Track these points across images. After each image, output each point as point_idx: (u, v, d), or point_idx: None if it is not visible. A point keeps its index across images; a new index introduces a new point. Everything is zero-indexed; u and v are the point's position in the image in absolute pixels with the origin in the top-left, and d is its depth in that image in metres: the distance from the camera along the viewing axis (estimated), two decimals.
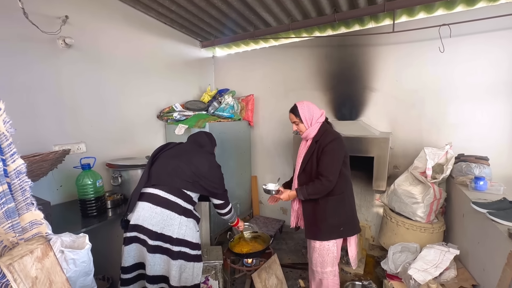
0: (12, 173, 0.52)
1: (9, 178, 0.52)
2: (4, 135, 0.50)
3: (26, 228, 0.53)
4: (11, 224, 0.51)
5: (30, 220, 0.54)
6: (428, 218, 2.17)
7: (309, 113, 1.66)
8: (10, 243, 0.51)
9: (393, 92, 2.63)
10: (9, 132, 0.52)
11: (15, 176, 0.53)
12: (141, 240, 1.52)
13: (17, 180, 0.53)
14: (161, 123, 2.96)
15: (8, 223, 0.51)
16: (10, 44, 1.76)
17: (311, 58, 3.03)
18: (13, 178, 0.53)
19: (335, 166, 1.59)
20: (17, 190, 0.53)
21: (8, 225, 0.51)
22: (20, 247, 0.48)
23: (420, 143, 2.53)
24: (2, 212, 0.50)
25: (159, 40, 2.88)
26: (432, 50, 2.34)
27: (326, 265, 1.71)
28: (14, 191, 0.53)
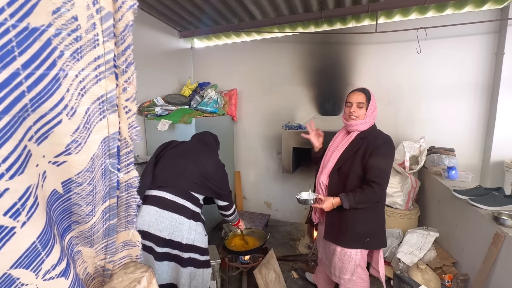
0: (123, 185, 0.43)
1: (119, 191, 0.43)
2: (125, 141, 0.42)
3: (118, 249, 0.44)
4: (106, 244, 0.42)
5: (124, 240, 0.45)
6: (406, 205, 2.38)
7: (374, 103, 1.47)
8: (93, 269, 0.41)
9: (373, 89, 2.72)
10: (133, 139, 0.43)
11: (124, 189, 0.44)
12: (147, 248, 1.40)
13: (125, 194, 0.44)
14: (140, 118, 2.75)
15: (103, 242, 0.42)
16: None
17: (295, 54, 3.06)
18: (122, 191, 0.44)
19: (388, 173, 1.41)
20: (122, 205, 0.45)
21: (102, 245, 0.42)
22: (120, 277, 0.39)
23: (396, 136, 2.74)
24: (103, 230, 0.41)
25: (135, 27, 2.61)
26: (409, 51, 2.54)
27: (345, 272, 1.53)
28: (119, 205, 0.44)
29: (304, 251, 2.65)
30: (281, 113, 3.23)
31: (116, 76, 0.40)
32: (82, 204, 0.37)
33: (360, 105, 1.43)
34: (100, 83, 0.38)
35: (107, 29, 0.40)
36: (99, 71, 0.38)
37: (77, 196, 0.36)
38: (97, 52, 0.37)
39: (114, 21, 0.42)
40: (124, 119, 0.42)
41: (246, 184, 3.57)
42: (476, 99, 2.47)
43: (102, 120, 0.38)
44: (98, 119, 0.38)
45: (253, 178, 3.53)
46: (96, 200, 0.39)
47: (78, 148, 0.36)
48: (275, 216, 3.44)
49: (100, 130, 0.38)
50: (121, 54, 0.41)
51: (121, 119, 0.42)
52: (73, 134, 0.35)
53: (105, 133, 0.39)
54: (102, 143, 0.38)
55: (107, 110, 0.38)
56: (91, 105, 0.37)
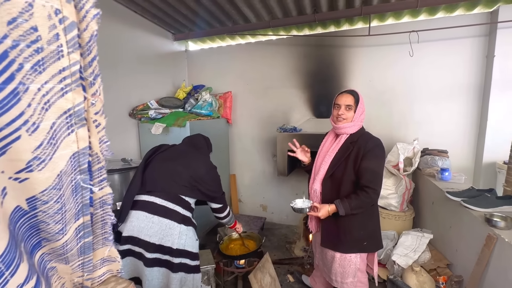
0: (97, 202, 0.42)
1: (93, 208, 0.41)
2: (97, 156, 0.40)
3: (96, 266, 0.42)
4: (82, 261, 0.40)
5: (102, 257, 0.43)
6: (401, 207, 2.39)
7: (363, 106, 1.44)
8: (72, 285, 0.40)
9: (367, 91, 2.80)
10: (104, 154, 0.41)
11: (99, 205, 0.42)
12: (137, 253, 1.38)
13: (100, 211, 0.43)
14: (134, 121, 2.72)
15: (79, 260, 0.40)
16: None
17: (289, 56, 3.06)
18: (96, 208, 0.42)
19: (381, 176, 1.39)
20: (98, 222, 0.43)
21: (78, 263, 0.40)
22: None
23: (390, 138, 2.76)
24: (77, 248, 0.40)
25: (128, 30, 2.61)
26: (402, 53, 2.56)
27: (347, 276, 1.50)
28: (94, 223, 0.42)
29: (300, 254, 2.64)
30: (276, 116, 3.23)
31: (84, 88, 0.38)
32: (50, 222, 0.36)
33: (348, 107, 1.40)
34: (67, 96, 0.36)
35: (72, 39, 0.39)
36: (64, 84, 0.36)
37: (44, 214, 0.35)
38: (61, 64, 0.36)
39: (79, 31, 0.40)
40: (95, 133, 0.41)
41: (241, 187, 3.56)
42: (468, 101, 2.50)
43: (70, 135, 0.36)
44: (65, 134, 0.36)
45: (248, 181, 3.52)
46: (67, 218, 0.38)
47: (41, 165, 0.34)
48: (271, 219, 3.42)
49: (68, 145, 0.36)
50: (88, 66, 0.39)
51: (91, 133, 0.40)
52: (35, 150, 0.33)
53: (74, 149, 0.37)
54: (71, 159, 0.37)
55: (75, 124, 0.36)
56: (57, 119, 0.35)
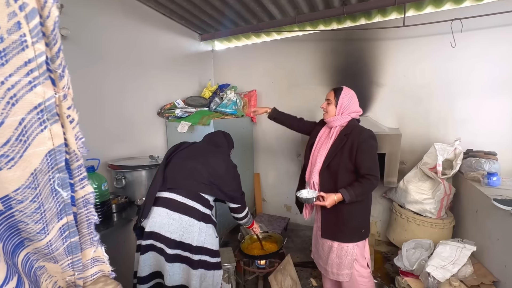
0: (80, 201, 0.43)
1: (76, 207, 0.42)
2: (75, 154, 0.40)
3: (86, 265, 0.44)
4: (71, 261, 0.42)
5: (92, 256, 0.44)
6: (438, 213, 2.18)
7: (348, 102, 1.55)
8: (65, 283, 0.41)
9: (401, 87, 2.61)
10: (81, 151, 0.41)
11: (82, 205, 0.43)
12: (158, 249, 1.42)
13: (84, 210, 0.43)
14: (162, 120, 2.83)
15: (67, 260, 0.41)
16: None
17: (316, 52, 2.95)
18: (80, 208, 0.43)
19: (377, 163, 1.49)
20: (83, 221, 0.44)
21: (67, 262, 0.41)
22: None
23: (427, 138, 2.53)
24: (64, 247, 0.40)
25: (157, 33, 2.72)
26: (442, 45, 2.32)
27: (343, 268, 1.60)
28: (79, 222, 0.43)
29: None
30: (302, 114, 3.07)
31: (53, 81, 0.37)
32: (28, 222, 0.36)
33: (328, 102, 1.57)
34: (36, 90, 0.35)
35: (35, 28, 0.36)
36: (32, 77, 0.35)
37: (21, 214, 0.35)
38: (26, 55, 0.35)
39: (42, 19, 0.38)
40: (69, 129, 0.40)
41: (265, 186, 3.53)
42: None
43: (44, 131, 0.35)
44: (38, 130, 0.35)
45: (272, 180, 3.47)
46: (47, 218, 0.37)
47: (11, 163, 0.33)
48: (295, 219, 3.34)
49: (42, 142, 0.35)
50: (56, 57, 0.37)
51: (66, 129, 0.39)
52: (1, 148, 0.33)
53: (50, 146, 0.36)
54: (46, 157, 0.36)
55: (48, 120, 0.35)
56: (27, 115, 0.34)
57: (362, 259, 1.62)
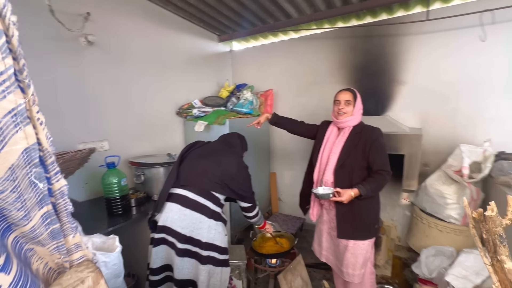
0: (57, 193, 0.48)
1: (54, 198, 0.48)
2: (48, 152, 0.46)
3: (71, 250, 0.49)
4: (56, 245, 0.47)
5: (74, 242, 0.50)
6: (464, 220, 2.04)
7: (360, 101, 1.63)
8: (56, 265, 0.47)
9: (424, 85, 2.46)
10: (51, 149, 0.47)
11: (59, 196, 0.49)
12: (169, 243, 1.49)
13: (61, 201, 0.49)
14: (180, 119, 2.94)
15: (53, 244, 0.47)
16: (35, 43, 1.76)
17: (334, 50, 2.89)
18: (58, 198, 0.49)
19: (388, 159, 1.55)
20: (62, 211, 0.50)
21: (53, 246, 0.47)
22: (69, 275, 0.44)
23: (453, 139, 2.37)
24: (47, 233, 0.46)
25: (177, 35, 2.84)
26: (470, 39, 2.16)
27: (358, 267, 1.61)
28: (59, 211, 0.49)
29: None
30: (319, 114, 3.06)
31: (22, 90, 0.42)
32: (11, 209, 0.41)
33: (347, 103, 1.59)
34: (8, 97, 0.40)
35: (3, 45, 0.43)
36: (5, 86, 0.40)
37: (4, 202, 0.40)
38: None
39: (8, 38, 0.45)
40: (40, 130, 0.45)
41: (281, 186, 3.52)
42: None
43: (19, 132, 0.40)
44: (13, 132, 0.40)
45: (289, 180, 3.46)
46: (28, 206, 0.43)
47: None
48: (311, 220, 3.28)
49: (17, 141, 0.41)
50: (23, 69, 0.43)
51: (38, 130, 0.44)
52: None
53: (25, 145, 0.41)
54: (23, 154, 0.41)
55: (21, 123, 0.40)
56: (3, 118, 0.40)
57: (372, 256, 1.69)
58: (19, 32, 0.47)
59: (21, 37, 1.54)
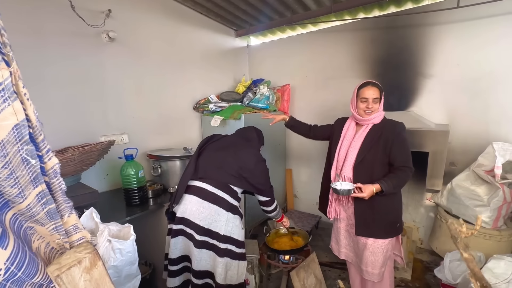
0: (50, 171, 0.49)
1: (48, 177, 0.49)
2: (37, 128, 0.47)
3: (70, 231, 0.50)
4: (55, 226, 0.48)
5: (73, 223, 0.51)
6: (495, 223, 1.89)
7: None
8: (58, 245, 0.48)
9: (453, 78, 2.30)
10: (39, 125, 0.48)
11: (53, 175, 0.49)
12: (188, 234, 1.51)
13: (55, 180, 0.50)
14: (197, 114, 2.98)
15: (51, 224, 0.48)
16: (59, 39, 1.84)
17: (354, 43, 2.77)
18: (51, 178, 0.49)
19: (411, 155, 1.49)
20: (57, 190, 0.50)
21: (52, 226, 0.48)
22: (68, 255, 0.45)
23: (485, 137, 2.19)
24: (44, 213, 0.47)
25: (194, 31, 2.86)
26: (506, 27, 1.98)
27: (378, 266, 1.56)
28: (54, 191, 0.50)
29: None
30: (338, 109, 2.98)
31: (7, 63, 0.41)
32: (5, 186, 0.41)
33: (375, 100, 1.49)
34: None
35: None
36: None
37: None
38: None
39: None
40: (28, 105, 0.44)
41: (297, 182, 3.47)
42: None
43: (8, 108, 0.40)
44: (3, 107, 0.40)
45: (305, 177, 3.40)
46: (21, 184, 0.43)
47: None
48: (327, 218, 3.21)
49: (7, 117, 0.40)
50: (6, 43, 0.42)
51: (25, 106, 0.44)
52: None
53: (15, 121, 0.41)
54: (13, 130, 0.41)
55: (9, 98, 0.40)
56: None
57: (392, 254, 1.64)
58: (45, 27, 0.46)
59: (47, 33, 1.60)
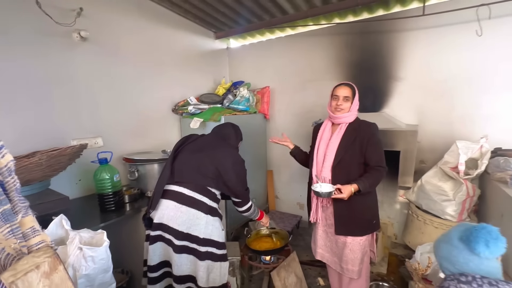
0: (4, 170, 0.46)
1: (1, 176, 0.47)
2: None
3: (28, 234, 0.48)
4: (10, 228, 0.46)
5: (31, 226, 0.48)
6: (459, 216, 2.02)
7: (357, 98, 1.60)
8: (14, 250, 0.45)
9: (421, 81, 2.44)
10: None
11: (7, 173, 0.47)
12: (166, 240, 1.48)
13: (10, 179, 0.47)
14: (176, 116, 2.93)
15: (7, 227, 0.46)
16: (26, 37, 1.75)
17: (330, 47, 2.87)
18: (5, 176, 0.47)
19: (384, 156, 1.57)
20: (12, 190, 0.48)
21: (7, 229, 0.46)
22: (25, 260, 0.42)
23: (450, 136, 2.35)
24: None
25: (173, 32, 2.82)
26: (467, 34, 2.14)
27: (357, 263, 1.62)
28: (8, 190, 0.47)
29: None
30: (315, 111, 3.07)
31: None
32: None
33: (346, 99, 1.55)
34: None
35: None
36: None
37: None
38: None
39: None
40: None
41: (278, 183, 3.51)
42: None
43: None
44: None
45: (286, 178, 3.45)
46: None
47: None
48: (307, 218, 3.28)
49: None
50: None
51: None
52: None
53: None
54: None
55: None
56: None
57: (369, 251, 1.71)
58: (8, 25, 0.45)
59: (12, 33, 1.52)
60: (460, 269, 0.89)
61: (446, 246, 0.95)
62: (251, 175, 3.11)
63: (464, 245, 0.89)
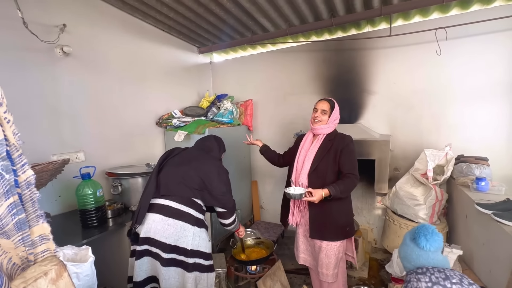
0: (23, 183, 0.51)
1: (20, 189, 0.51)
2: (14, 146, 0.49)
3: (35, 242, 0.51)
4: (22, 237, 0.49)
5: (39, 234, 0.52)
6: (430, 219, 2.17)
7: (337, 112, 1.74)
8: (20, 260, 0.48)
9: (391, 95, 2.65)
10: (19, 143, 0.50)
11: (25, 187, 0.51)
12: (154, 254, 1.47)
13: (27, 191, 0.52)
14: (160, 130, 2.94)
15: (18, 235, 0.49)
16: (6, 54, 1.74)
17: (309, 62, 3.04)
18: (24, 189, 0.51)
19: (357, 164, 1.67)
20: (28, 201, 0.52)
21: (19, 237, 0.49)
22: (33, 269, 0.46)
23: (420, 144, 2.55)
24: (13, 223, 0.48)
25: (157, 47, 2.88)
26: (429, 53, 2.38)
27: (332, 267, 1.70)
28: (25, 202, 0.52)
29: None
30: (297, 122, 3.20)
31: None
32: None
33: (323, 112, 1.70)
34: None
35: None
36: None
37: None
38: None
39: None
40: (7, 128, 0.49)
41: (263, 193, 3.57)
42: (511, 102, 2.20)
43: None
44: None
45: (270, 188, 3.52)
46: None
47: None
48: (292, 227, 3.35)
49: None
50: None
51: (5, 128, 0.48)
52: None
53: None
54: None
55: None
56: None
57: (344, 256, 1.79)
58: None
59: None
60: (415, 264, 1.08)
61: (402, 247, 1.17)
62: (236, 185, 3.16)
63: (413, 243, 1.09)
